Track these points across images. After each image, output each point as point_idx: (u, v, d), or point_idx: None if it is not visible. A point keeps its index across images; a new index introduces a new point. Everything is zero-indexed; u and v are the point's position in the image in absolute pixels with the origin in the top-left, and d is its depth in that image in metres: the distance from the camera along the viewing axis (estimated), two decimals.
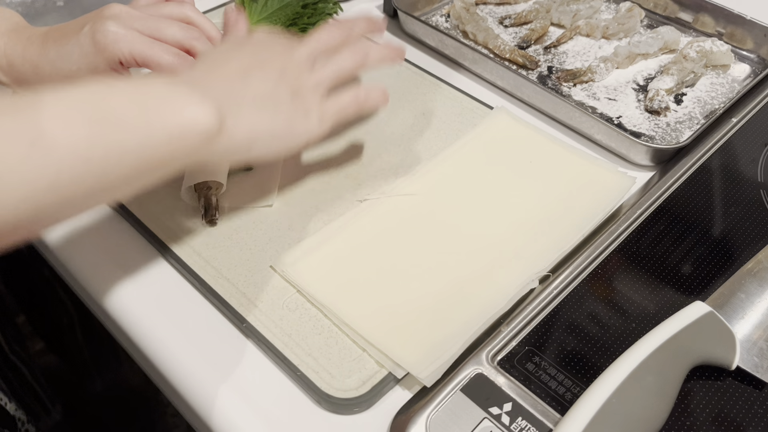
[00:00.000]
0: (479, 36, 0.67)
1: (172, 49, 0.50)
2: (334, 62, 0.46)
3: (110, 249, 0.48)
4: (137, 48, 0.48)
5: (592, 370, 0.40)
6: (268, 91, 0.42)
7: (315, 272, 0.45)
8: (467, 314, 0.43)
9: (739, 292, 0.43)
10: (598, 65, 0.63)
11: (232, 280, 0.45)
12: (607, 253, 0.47)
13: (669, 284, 0.46)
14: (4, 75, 0.51)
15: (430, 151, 0.55)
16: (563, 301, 0.44)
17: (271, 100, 0.42)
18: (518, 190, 0.52)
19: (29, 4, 0.68)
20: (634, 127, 0.59)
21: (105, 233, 0.49)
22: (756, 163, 0.55)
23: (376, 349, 0.41)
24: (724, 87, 0.64)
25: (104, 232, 0.49)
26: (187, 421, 0.43)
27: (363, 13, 0.72)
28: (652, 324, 0.41)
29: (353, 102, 0.46)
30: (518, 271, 0.46)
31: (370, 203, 0.50)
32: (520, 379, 0.40)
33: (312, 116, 0.43)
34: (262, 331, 0.42)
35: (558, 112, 0.59)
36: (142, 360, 0.44)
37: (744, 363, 0.40)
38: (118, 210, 0.50)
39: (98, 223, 0.50)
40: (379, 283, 0.45)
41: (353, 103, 0.46)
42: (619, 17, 0.70)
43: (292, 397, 0.40)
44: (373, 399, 0.39)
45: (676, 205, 0.51)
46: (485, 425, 0.37)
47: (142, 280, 0.46)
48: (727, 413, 0.39)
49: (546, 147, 0.56)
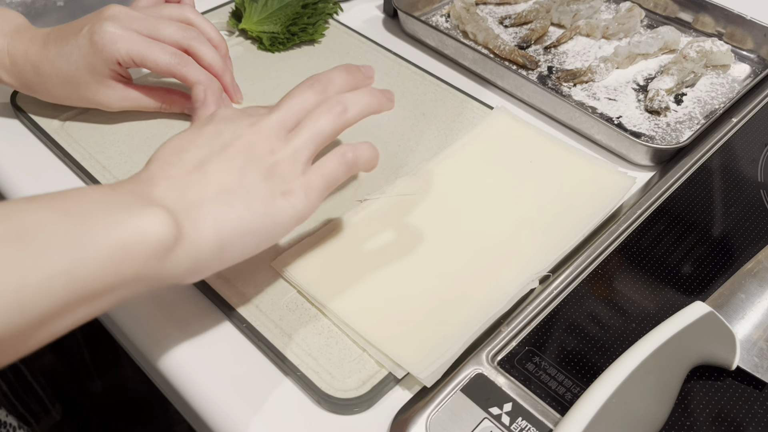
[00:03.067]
0: (479, 36, 0.67)
1: (170, 48, 0.50)
2: (311, 125, 0.39)
3: None
4: (134, 48, 0.48)
5: (592, 370, 0.40)
6: (234, 180, 0.36)
7: (315, 272, 0.45)
8: (467, 314, 0.43)
9: (739, 292, 0.43)
10: (598, 65, 0.63)
11: (231, 280, 0.45)
12: (607, 253, 0.47)
13: (669, 284, 0.46)
14: (8, 75, 0.51)
15: (430, 151, 0.55)
16: (563, 301, 0.44)
17: (240, 189, 0.36)
18: (518, 190, 0.52)
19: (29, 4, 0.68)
20: (634, 127, 0.59)
21: None
22: (756, 163, 0.55)
23: (376, 349, 0.41)
24: (724, 87, 0.64)
25: None
26: (186, 420, 0.43)
27: (363, 13, 0.73)
28: (652, 324, 0.41)
29: (341, 166, 0.39)
30: (518, 271, 0.46)
31: (370, 203, 0.50)
32: (520, 379, 0.40)
33: (296, 194, 0.37)
34: (262, 331, 0.42)
35: (558, 112, 0.59)
36: (142, 360, 0.44)
37: (744, 363, 0.40)
38: None
39: None
40: (379, 283, 0.45)
41: (341, 168, 0.39)
42: (619, 17, 0.70)
43: (292, 397, 0.40)
44: (373, 399, 0.39)
45: (676, 205, 0.51)
46: (485, 425, 0.37)
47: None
48: (727, 413, 0.39)
49: (546, 147, 0.56)
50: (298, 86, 0.41)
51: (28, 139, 0.55)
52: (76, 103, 0.53)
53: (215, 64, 0.52)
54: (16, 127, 0.56)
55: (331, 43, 0.67)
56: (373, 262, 0.46)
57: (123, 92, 0.52)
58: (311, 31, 0.66)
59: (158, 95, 0.55)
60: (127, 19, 0.49)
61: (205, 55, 0.52)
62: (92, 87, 0.51)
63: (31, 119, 0.55)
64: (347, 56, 0.65)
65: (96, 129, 0.55)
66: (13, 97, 0.57)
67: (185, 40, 0.51)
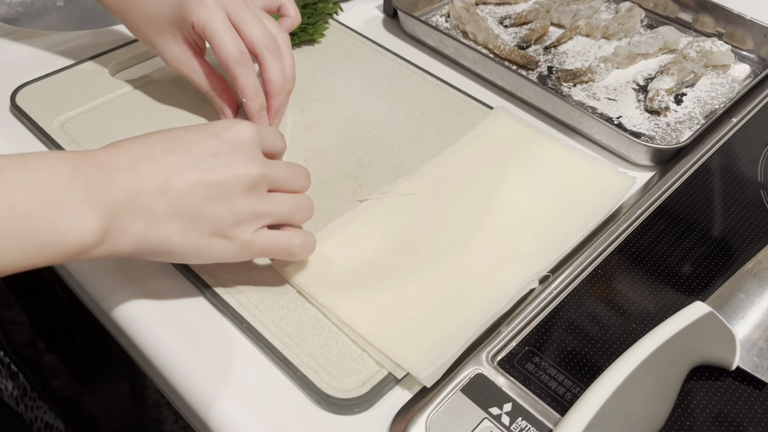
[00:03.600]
0: (479, 36, 0.67)
1: (242, 44, 0.49)
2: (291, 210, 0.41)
3: None
4: (211, 23, 0.48)
5: (592, 370, 0.40)
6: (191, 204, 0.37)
7: (315, 272, 0.45)
8: (467, 314, 0.43)
9: (739, 292, 0.43)
10: (598, 65, 0.63)
11: (231, 280, 0.45)
12: (607, 253, 0.47)
13: (669, 284, 0.46)
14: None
15: (430, 151, 0.55)
16: (563, 301, 0.44)
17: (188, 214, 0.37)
18: (518, 190, 0.52)
19: (29, 4, 0.68)
20: (634, 127, 0.59)
21: None
22: (756, 163, 0.55)
23: (376, 350, 0.41)
24: (724, 87, 0.64)
25: None
26: (186, 421, 0.43)
27: (363, 13, 0.73)
28: (652, 324, 0.41)
29: (283, 249, 0.41)
30: (518, 271, 0.46)
31: (370, 203, 0.50)
32: (520, 379, 0.40)
33: (235, 243, 0.39)
34: (262, 331, 0.42)
35: (558, 112, 0.59)
36: (141, 360, 0.44)
37: (744, 363, 0.40)
38: None
39: None
40: (379, 283, 0.45)
41: (283, 250, 0.41)
42: (619, 17, 0.70)
43: (291, 398, 0.40)
44: (373, 399, 0.39)
45: (676, 205, 0.51)
46: (485, 425, 0.37)
47: (141, 281, 0.46)
48: (727, 413, 0.39)
49: (546, 147, 0.56)
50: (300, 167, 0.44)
51: (28, 139, 0.55)
52: (144, 41, 0.54)
53: (275, 82, 0.51)
54: (16, 127, 0.56)
55: (331, 43, 0.67)
56: (373, 262, 0.46)
57: (186, 56, 0.52)
58: (311, 31, 0.66)
59: (214, 80, 0.53)
60: None
61: (270, 69, 0.51)
62: (164, 35, 0.51)
63: (31, 119, 0.55)
64: (347, 56, 0.65)
65: (96, 129, 0.55)
66: (13, 97, 0.57)
67: (260, 46, 0.50)
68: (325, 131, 0.57)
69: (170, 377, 0.41)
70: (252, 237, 0.40)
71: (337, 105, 0.59)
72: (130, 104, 0.58)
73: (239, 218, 0.39)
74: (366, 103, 0.60)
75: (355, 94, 0.61)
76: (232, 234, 0.39)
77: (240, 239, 0.39)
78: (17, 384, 0.68)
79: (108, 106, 0.57)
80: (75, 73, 0.61)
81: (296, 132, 0.57)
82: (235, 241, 0.39)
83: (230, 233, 0.39)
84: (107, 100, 0.58)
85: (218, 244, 0.39)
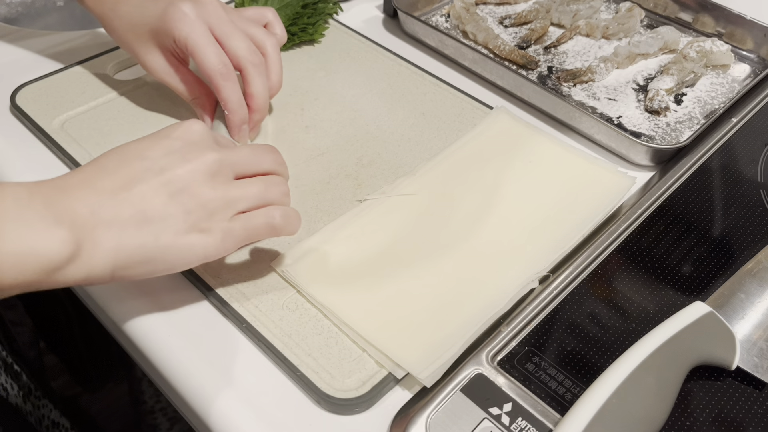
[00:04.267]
0: (479, 36, 0.67)
1: (225, 57, 0.49)
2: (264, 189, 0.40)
3: None
4: (192, 37, 0.48)
5: (592, 370, 0.40)
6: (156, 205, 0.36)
7: (315, 272, 0.45)
8: (467, 314, 0.43)
9: (739, 292, 0.43)
10: (598, 65, 0.63)
11: (231, 280, 0.45)
12: (607, 253, 0.47)
13: (669, 284, 0.46)
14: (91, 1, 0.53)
15: (430, 151, 0.55)
16: (563, 301, 0.44)
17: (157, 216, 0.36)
18: (518, 190, 0.52)
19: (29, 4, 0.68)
20: (634, 127, 0.59)
21: None
22: (756, 163, 0.55)
23: (376, 350, 0.41)
24: (724, 87, 0.64)
25: None
26: (187, 421, 0.43)
27: (363, 13, 0.73)
28: (652, 324, 0.41)
29: (266, 227, 0.40)
30: (518, 271, 0.46)
31: (370, 203, 0.50)
32: (520, 379, 0.40)
33: (213, 235, 0.38)
34: (262, 332, 0.42)
35: (558, 112, 0.59)
36: (141, 360, 0.44)
37: (744, 363, 0.40)
38: None
39: None
40: (379, 283, 0.45)
41: (266, 228, 0.40)
42: (619, 17, 0.70)
43: (291, 397, 0.40)
44: (373, 399, 0.39)
45: (676, 205, 0.51)
46: (485, 425, 0.37)
47: (141, 282, 0.46)
48: (727, 413, 0.39)
49: (546, 147, 0.56)
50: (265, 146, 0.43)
51: (28, 139, 0.55)
52: (128, 51, 0.54)
53: (258, 97, 0.51)
54: (16, 127, 0.56)
55: (331, 43, 0.67)
56: (373, 262, 0.46)
57: (168, 68, 0.52)
58: (311, 31, 0.66)
59: (196, 89, 0.53)
60: (209, 10, 0.49)
61: (254, 84, 0.50)
62: (147, 46, 0.51)
63: (31, 119, 0.55)
64: (347, 56, 0.65)
65: (96, 129, 0.55)
66: (13, 97, 0.57)
67: (245, 61, 0.49)
68: (325, 131, 0.57)
69: (170, 377, 0.41)
70: (229, 224, 0.39)
71: (337, 105, 0.59)
72: (130, 104, 0.58)
73: (210, 208, 0.38)
74: (366, 103, 0.60)
75: (355, 94, 0.61)
76: (208, 226, 0.38)
77: (218, 229, 0.38)
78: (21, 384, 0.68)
79: (108, 106, 0.58)
80: (75, 73, 0.61)
81: (296, 132, 0.57)
82: (214, 232, 0.38)
83: (205, 225, 0.38)
84: (107, 100, 0.58)
85: (198, 240, 0.38)
